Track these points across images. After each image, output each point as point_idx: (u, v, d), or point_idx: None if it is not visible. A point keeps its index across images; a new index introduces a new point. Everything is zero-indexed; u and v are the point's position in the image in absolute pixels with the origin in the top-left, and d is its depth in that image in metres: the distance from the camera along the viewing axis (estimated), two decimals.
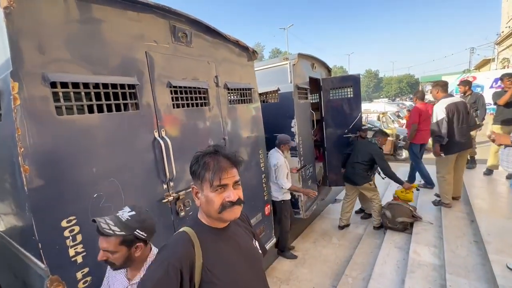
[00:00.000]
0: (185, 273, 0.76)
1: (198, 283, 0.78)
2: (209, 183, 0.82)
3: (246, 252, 0.94)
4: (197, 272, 0.78)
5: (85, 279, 1.30)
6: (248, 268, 0.90)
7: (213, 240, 0.86)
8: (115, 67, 1.47)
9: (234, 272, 0.85)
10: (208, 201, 0.83)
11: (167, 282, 0.73)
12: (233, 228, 0.94)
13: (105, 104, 1.44)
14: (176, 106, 1.86)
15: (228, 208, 0.83)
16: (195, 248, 0.81)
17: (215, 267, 0.82)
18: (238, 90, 2.54)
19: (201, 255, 0.80)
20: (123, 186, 1.48)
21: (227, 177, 0.83)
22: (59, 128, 1.22)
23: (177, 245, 0.82)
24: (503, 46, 15.55)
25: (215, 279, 0.80)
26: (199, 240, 0.83)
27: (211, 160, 0.84)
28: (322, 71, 4.60)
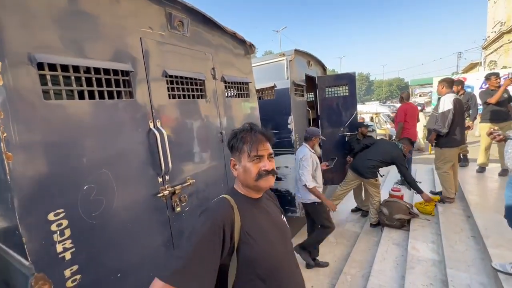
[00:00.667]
0: (226, 230, 0.83)
1: (237, 242, 0.85)
2: (247, 154, 0.92)
3: (277, 223, 1.00)
4: (237, 233, 0.85)
5: (74, 277, 1.21)
6: (279, 237, 0.96)
7: (248, 208, 0.94)
8: (107, 52, 1.39)
9: (268, 238, 0.91)
10: (246, 170, 0.93)
11: (211, 236, 0.80)
12: (265, 200, 1.03)
13: (97, 90, 1.35)
14: (172, 97, 1.79)
15: (264, 176, 0.92)
16: (234, 211, 0.88)
17: (251, 230, 0.88)
18: (235, 84, 2.48)
19: (239, 218, 0.87)
20: (116, 178, 1.39)
21: (263, 149, 0.93)
22: (46, 113, 1.13)
23: (219, 207, 0.89)
24: (490, 49, 16.05)
25: (252, 241, 0.86)
26: (238, 206, 0.90)
27: (248, 135, 0.95)
28: (317, 69, 4.60)
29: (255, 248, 0.86)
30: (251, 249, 0.85)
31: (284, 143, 3.46)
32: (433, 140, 3.57)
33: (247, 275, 0.85)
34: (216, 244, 0.80)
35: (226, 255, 0.83)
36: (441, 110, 3.39)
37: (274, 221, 0.99)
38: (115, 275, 1.38)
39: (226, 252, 0.83)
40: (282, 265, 0.92)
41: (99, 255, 1.32)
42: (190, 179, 1.87)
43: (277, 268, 0.89)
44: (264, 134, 0.96)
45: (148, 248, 1.57)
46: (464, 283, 2.08)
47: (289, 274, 0.94)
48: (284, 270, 0.92)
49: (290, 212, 3.62)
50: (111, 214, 1.37)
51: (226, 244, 0.82)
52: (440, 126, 3.38)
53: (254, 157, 0.92)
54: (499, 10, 15.68)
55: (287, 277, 0.92)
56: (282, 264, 0.91)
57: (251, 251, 0.85)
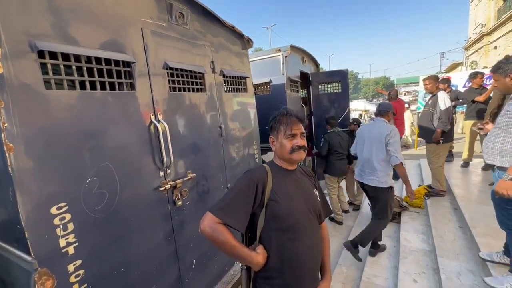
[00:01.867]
0: (259, 187, 1.05)
1: (267, 199, 1.05)
2: (283, 132, 1.11)
3: (305, 193, 1.15)
4: (267, 191, 1.06)
5: (77, 272, 1.18)
6: (303, 203, 1.12)
7: (281, 176, 1.13)
8: (108, 42, 1.35)
9: (293, 201, 1.09)
10: (282, 146, 1.11)
11: (246, 187, 1.05)
12: (299, 174, 1.20)
13: (98, 81, 1.31)
14: (173, 89, 1.76)
15: (296, 150, 1.10)
16: (268, 176, 1.09)
17: (279, 191, 1.08)
18: (234, 78, 2.47)
19: (271, 181, 1.08)
20: (118, 172, 1.36)
21: (296, 129, 1.11)
22: (47, 103, 1.09)
23: (257, 170, 1.13)
24: (472, 50, 16.69)
25: (279, 199, 1.06)
26: (272, 172, 1.11)
27: (284, 117, 1.13)
28: (311, 66, 4.64)
29: (280, 205, 1.05)
30: (276, 206, 1.05)
31: None
32: (440, 138, 3.45)
33: (272, 225, 1.05)
34: (250, 195, 1.04)
35: (258, 207, 1.05)
36: (443, 107, 3.39)
37: (302, 190, 1.15)
38: (118, 269, 1.36)
39: (257, 203, 1.05)
40: (301, 223, 1.08)
41: (102, 249, 1.29)
42: (191, 173, 1.86)
43: (297, 224, 1.07)
44: (297, 117, 1.14)
45: (150, 242, 1.55)
46: (454, 271, 2.18)
47: (307, 231, 1.10)
48: (303, 227, 1.08)
49: None
50: (113, 208, 1.34)
51: (258, 197, 1.04)
52: (445, 123, 3.38)
53: (289, 135, 1.10)
54: (480, 12, 16.33)
55: (304, 232, 1.09)
56: (301, 222, 1.08)
57: (276, 207, 1.05)
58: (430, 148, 3.68)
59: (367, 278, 2.44)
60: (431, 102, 3.58)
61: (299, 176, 1.20)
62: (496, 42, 13.90)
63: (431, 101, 3.56)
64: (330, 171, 3.77)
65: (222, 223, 0.99)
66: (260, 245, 1.06)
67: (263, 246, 1.06)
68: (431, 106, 3.55)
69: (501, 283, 1.81)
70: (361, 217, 3.93)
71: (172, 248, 1.71)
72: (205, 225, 0.99)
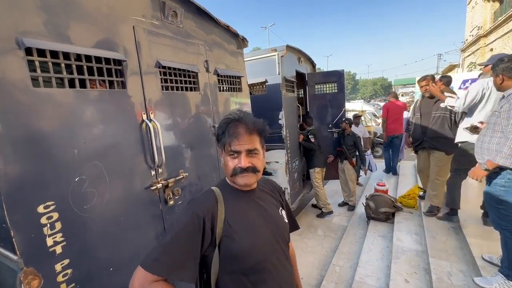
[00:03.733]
0: (207, 222, 0.82)
1: (219, 235, 0.83)
2: (226, 148, 0.87)
3: (269, 217, 0.94)
4: (219, 225, 0.83)
5: (65, 272, 1.17)
6: (268, 232, 0.91)
7: (235, 200, 0.91)
8: (99, 39, 1.33)
9: (253, 232, 0.87)
10: (225, 164, 0.90)
11: (190, 226, 0.81)
12: (258, 193, 0.98)
13: (88, 79, 1.30)
14: (165, 88, 1.76)
15: (239, 173, 0.87)
16: (218, 203, 0.86)
17: (235, 223, 0.86)
18: (228, 78, 2.46)
19: (223, 210, 0.85)
20: (108, 171, 1.35)
21: (240, 144, 0.85)
22: (35, 101, 1.08)
23: (202, 199, 0.90)
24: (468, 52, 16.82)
25: (234, 234, 0.84)
26: (223, 198, 0.88)
27: (232, 126, 0.87)
28: (307, 66, 4.64)
29: (237, 242, 0.83)
30: (233, 243, 0.83)
31: (275, 139, 3.49)
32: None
33: (229, 268, 0.83)
34: (195, 235, 0.81)
35: (209, 247, 0.83)
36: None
37: (265, 215, 0.93)
38: (107, 269, 1.35)
39: (207, 243, 0.83)
40: (268, 260, 0.87)
41: (91, 248, 1.28)
42: (183, 172, 1.85)
43: (262, 263, 0.85)
44: (248, 126, 0.86)
45: (141, 242, 1.54)
46: (445, 271, 2.20)
47: (276, 268, 0.89)
48: (270, 265, 0.87)
49: None
50: (103, 207, 1.33)
51: (207, 235, 0.82)
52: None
53: (230, 152, 0.86)
54: (476, 15, 16.45)
55: (273, 271, 0.88)
56: (268, 258, 0.87)
57: (233, 244, 0.83)
58: (443, 159, 3.08)
59: (359, 278, 2.45)
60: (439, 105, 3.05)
61: (260, 196, 0.97)
62: (492, 44, 14.01)
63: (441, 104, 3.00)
64: (319, 163, 4.06)
65: (162, 279, 0.77)
66: None
67: None
68: (443, 109, 3.04)
69: (490, 283, 1.83)
70: (355, 217, 3.96)
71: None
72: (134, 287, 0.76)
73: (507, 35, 12.29)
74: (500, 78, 1.82)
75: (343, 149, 4.13)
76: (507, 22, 12.10)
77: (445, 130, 3.09)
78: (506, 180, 1.76)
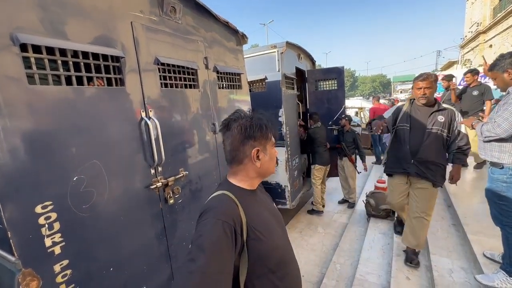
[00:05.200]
0: (237, 230, 0.78)
1: (245, 239, 0.80)
2: (273, 141, 0.92)
3: (273, 212, 0.99)
4: (244, 230, 0.80)
5: (64, 272, 1.15)
6: (278, 226, 0.95)
7: (249, 201, 0.90)
8: (96, 35, 1.30)
9: (272, 229, 0.89)
10: (272, 157, 0.93)
11: (223, 239, 0.74)
12: (258, 191, 1.00)
13: (86, 76, 1.28)
14: (164, 85, 1.73)
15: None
16: (239, 208, 0.83)
17: (257, 225, 0.84)
18: (228, 75, 2.44)
19: (244, 214, 0.82)
20: (107, 169, 1.33)
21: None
22: (31, 98, 1.05)
23: (224, 205, 0.83)
24: (467, 48, 16.80)
25: (261, 236, 0.83)
26: (240, 202, 0.85)
27: (262, 122, 0.90)
28: (307, 62, 4.61)
29: (264, 242, 0.83)
30: (260, 244, 0.82)
31: None
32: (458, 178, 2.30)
33: (258, 270, 0.83)
34: (229, 248, 0.75)
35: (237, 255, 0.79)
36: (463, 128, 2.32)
37: (270, 211, 0.97)
38: (108, 269, 1.34)
39: (238, 252, 0.79)
40: (285, 251, 0.93)
41: (90, 249, 1.26)
42: (183, 170, 1.83)
43: (284, 257, 0.90)
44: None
45: (141, 241, 1.53)
46: (446, 268, 2.20)
47: (292, 259, 0.95)
48: (288, 255, 0.93)
49: (280, 204, 3.65)
50: (102, 206, 1.31)
51: (238, 244, 0.78)
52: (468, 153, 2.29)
53: (274, 144, 0.94)
54: (476, 11, 16.41)
55: (291, 263, 0.93)
56: (287, 252, 0.93)
57: (260, 246, 0.82)
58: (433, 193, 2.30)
59: (360, 275, 2.45)
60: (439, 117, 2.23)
61: (259, 193, 1.00)
62: (491, 40, 14.00)
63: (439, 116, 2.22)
64: (320, 161, 4.04)
65: None
66: None
67: None
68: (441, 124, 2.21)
69: (492, 280, 1.83)
70: (355, 214, 3.96)
71: (164, 247, 1.68)
72: None
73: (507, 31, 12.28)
74: (509, 73, 1.79)
75: (343, 145, 4.12)
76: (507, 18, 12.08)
77: (440, 153, 2.25)
78: (508, 176, 1.75)
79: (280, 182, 3.60)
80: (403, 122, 2.39)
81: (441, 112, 2.25)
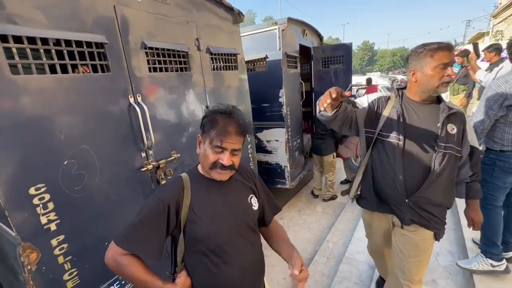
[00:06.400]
0: (171, 208, 0.91)
1: (184, 219, 0.93)
2: (211, 139, 0.91)
3: (235, 206, 1.01)
4: (184, 210, 0.92)
5: (61, 246, 1.28)
6: (232, 221, 0.98)
7: (202, 188, 0.97)
8: (78, 23, 1.31)
9: (216, 219, 0.95)
10: (205, 155, 0.94)
11: (156, 210, 0.91)
12: (228, 183, 1.01)
13: (70, 64, 1.31)
14: (153, 70, 1.74)
15: (218, 168, 0.93)
16: (185, 190, 0.94)
17: (199, 209, 0.94)
18: (222, 56, 2.39)
19: (189, 197, 0.93)
20: (97, 154, 1.41)
21: (227, 142, 0.91)
22: (16, 88, 1.11)
23: (169, 186, 0.98)
24: (499, 18, 15.24)
25: (197, 219, 0.92)
26: (191, 185, 0.95)
27: (222, 121, 0.91)
28: (313, 39, 4.40)
29: (199, 226, 0.92)
30: (196, 227, 0.92)
31: (275, 117, 3.45)
32: None
33: (193, 248, 0.95)
34: (160, 218, 0.90)
35: (175, 229, 0.94)
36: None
37: (230, 204, 1.00)
38: (103, 243, 1.47)
39: (173, 226, 0.93)
40: (229, 243, 0.96)
41: (85, 225, 1.38)
42: (175, 153, 1.90)
43: (222, 245, 0.94)
44: (239, 127, 0.92)
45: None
46: (433, 251, 2.23)
47: (238, 252, 0.98)
48: (232, 247, 0.96)
49: (280, 184, 3.73)
50: (94, 187, 1.41)
51: (172, 220, 0.92)
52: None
53: (216, 147, 0.91)
54: None
55: (234, 254, 0.96)
56: (229, 242, 0.96)
57: (196, 228, 0.92)
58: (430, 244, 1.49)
59: (350, 254, 2.54)
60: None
61: (230, 185, 1.02)
62: None
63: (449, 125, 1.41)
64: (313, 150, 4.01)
65: (129, 253, 0.88)
66: (183, 271, 0.96)
67: (186, 273, 0.96)
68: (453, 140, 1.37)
69: (470, 263, 1.86)
70: None
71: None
72: (108, 258, 0.90)
73: None
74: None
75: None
76: None
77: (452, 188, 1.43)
78: (488, 158, 1.83)
79: (280, 162, 3.65)
80: (391, 131, 1.39)
81: (451, 115, 1.35)
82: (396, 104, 1.43)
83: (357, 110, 1.48)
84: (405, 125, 1.38)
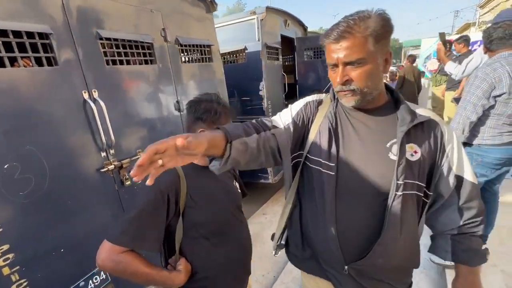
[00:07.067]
0: (171, 198, 0.91)
1: (183, 206, 0.94)
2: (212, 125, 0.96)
3: (227, 190, 1.09)
4: (182, 198, 0.93)
5: (5, 257, 1.18)
6: (227, 203, 1.06)
7: (197, 176, 0.99)
8: (15, 10, 1.18)
9: (213, 202, 1.00)
10: None
11: (155, 201, 0.89)
12: None
13: (7, 57, 1.18)
14: (112, 62, 1.61)
15: None
16: (181, 179, 0.94)
17: (196, 195, 0.96)
18: (194, 47, 2.27)
19: (186, 185, 0.94)
20: (46, 155, 1.30)
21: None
22: None
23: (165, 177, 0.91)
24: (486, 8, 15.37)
25: (196, 205, 0.95)
26: (185, 173, 0.96)
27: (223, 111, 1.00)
28: (297, 29, 4.28)
29: (198, 212, 0.95)
30: (195, 213, 0.95)
31: (256, 111, 3.36)
32: None
33: (192, 234, 0.97)
34: (160, 208, 0.89)
35: (173, 217, 0.94)
36: None
37: (223, 187, 1.08)
38: (57, 250, 1.38)
39: (172, 214, 0.93)
40: (226, 224, 1.03)
41: (36, 232, 1.28)
42: (141, 151, 1.80)
43: (221, 227, 1.01)
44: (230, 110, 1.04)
45: (95, 221, 1.55)
46: None
47: (234, 230, 1.07)
48: (228, 227, 1.04)
49: (262, 179, 3.67)
50: (44, 191, 1.30)
51: (171, 209, 0.92)
52: None
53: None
54: None
55: (231, 233, 1.05)
56: (226, 223, 1.03)
57: (195, 214, 0.95)
58: None
59: None
60: None
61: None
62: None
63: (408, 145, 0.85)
64: None
65: (128, 250, 0.85)
66: (182, 258, 0.97)
67: (185, 259, 0.97)
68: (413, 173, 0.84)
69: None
70: None
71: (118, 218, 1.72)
72: (103, 260, 0.83)
73: None
74: None
75: None
76: None
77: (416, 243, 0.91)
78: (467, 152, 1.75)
79: None
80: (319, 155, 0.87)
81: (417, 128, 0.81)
82: (328, 113, 0.88)
83: (276, 133, 0.86)
84: (339, 147, 0.85)
